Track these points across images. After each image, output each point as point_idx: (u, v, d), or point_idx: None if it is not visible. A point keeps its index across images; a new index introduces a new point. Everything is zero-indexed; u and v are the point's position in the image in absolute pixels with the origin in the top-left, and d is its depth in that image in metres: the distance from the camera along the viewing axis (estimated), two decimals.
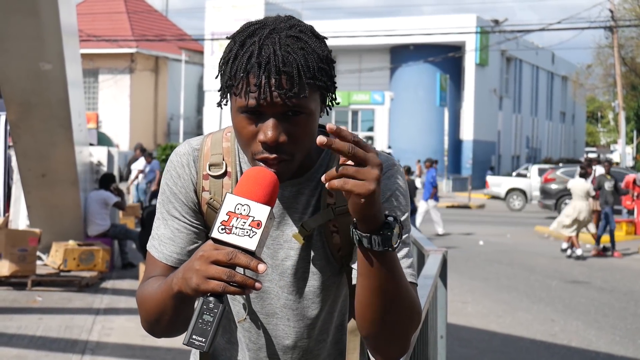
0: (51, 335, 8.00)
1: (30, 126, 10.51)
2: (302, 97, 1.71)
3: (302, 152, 1.79)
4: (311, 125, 1.77)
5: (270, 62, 1.69)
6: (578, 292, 12.03)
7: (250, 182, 1.62)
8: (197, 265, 1.57)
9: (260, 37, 1.72)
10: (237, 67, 1.73)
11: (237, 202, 1.57)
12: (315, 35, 1.78)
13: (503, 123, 48.10)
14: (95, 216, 12.08)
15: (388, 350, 1.83)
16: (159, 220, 1.94)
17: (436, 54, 41.92)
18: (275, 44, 1.71)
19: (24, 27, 9.44)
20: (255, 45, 1.72)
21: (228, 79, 1.76)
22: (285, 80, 1.69)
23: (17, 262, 10.35)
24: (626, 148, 36.90)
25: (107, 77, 46.22)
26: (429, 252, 4.86)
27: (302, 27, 1.78)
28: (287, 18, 1.80)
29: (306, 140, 1.77)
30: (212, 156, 1.92)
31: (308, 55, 1.73)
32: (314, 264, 1.93)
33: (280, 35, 1.73)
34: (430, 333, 3.75)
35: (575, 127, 67.46)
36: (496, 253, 16.57)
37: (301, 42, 1.74)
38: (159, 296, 1.76)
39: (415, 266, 1.94)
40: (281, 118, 1.72)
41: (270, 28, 1.75)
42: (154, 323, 1.84)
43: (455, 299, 10.26)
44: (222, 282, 1.54)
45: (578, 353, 8.40)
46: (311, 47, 1.74)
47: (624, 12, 40.57)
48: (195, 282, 1.57)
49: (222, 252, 1.55)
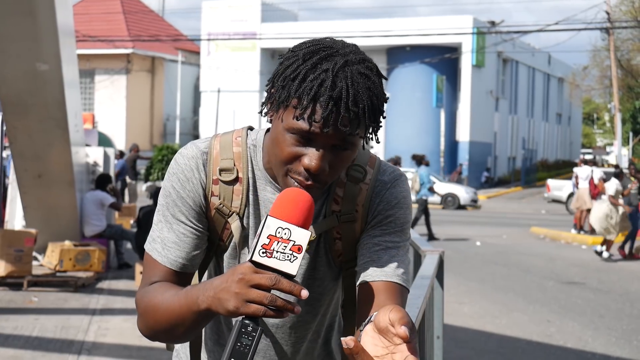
0: (47, 336, 7.99)
1: (26, 127, 10.50)
2: (356, 136, 1.73)
3: (335, 179, 1.81)
4: (351, 158, 1.79)
5: (341, 97, 1.69)
6: (574, 293, 12.04)
7: (290, 205, 1.60)
8: (236, 289, 1.55)
9: (334, 67, 1.71)
10: (304, 89, 1.70)
11: (278, 226, 1.55)
12: (379, 74, 1.79)
13: (499, 124, 48.11)
14: (91, 217, 12.07)
15: None
16: (161, 222, 1.90)
17: (432, 55, 41.92)
18: (347, 78, 1.71)
19: (21, 27, 9.44)
20: (328, 73, 1.70)
21: (289, 96, 1.73)
22: (352, 118, 1.70)
23: (13, 263, 10.35)
24: (622, 150, 36.93)
25: (104, 78, 46.19)
26: (425, 252, 4.87)
27: (369, 64, 1.78)
28: (356, 49, 1.80)
29: (342, 171, 1.80)
30: (223, 161, 1.89)
31: (374, 96, 1.74)
32: (318, 270, 1.95)
33: (352, 70, 1.72)
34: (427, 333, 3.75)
35: (572, 128, 67.50)
36: (492, 254, 16.58)
37: (369, 81, 1.74)
38: (177, 309, 1.73)
39: (410, 272, 1.96)
40: (329, 149, 1.73)
41: (343, 59, 1.73)
42: (163, 332, 1.82)
43: (451, 300, 10.26)
44: (262, 307, 1.53)
45: (574, 354, 8.40)
46: (377, 89, 1.75)
47: (620, 14, 40.62)
48: (234, 305, 1.55)
49: (265, 277, 1.53)
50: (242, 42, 44.92)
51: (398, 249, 1.89)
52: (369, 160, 1.95)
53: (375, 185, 1.92)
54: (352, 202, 1.90)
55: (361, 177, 1.91)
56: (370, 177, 1.92)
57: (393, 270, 1.84)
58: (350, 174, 1.91)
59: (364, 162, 1.94)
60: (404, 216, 1.92)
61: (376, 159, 1.96)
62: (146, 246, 1.92)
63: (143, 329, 1.86)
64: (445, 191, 31.37)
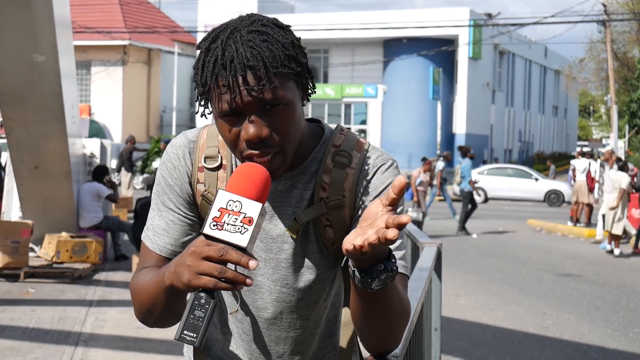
0: (44, 327, 7.99)
1: (23, 118, 10.49)
2: (274, 88, 1.71)
3: (290, 142, 1.78)
4: (292, 114, 1.77)
5: (234, 60, 1.69)
6: (570, 286, 12.06)
7: (242, 178, 1.62)
8: (188, 261, 1.57)
9: (222, 40, 1.72)
10: (205, 73, 1.73)
11: (229, 199, 1.57)
12: (278, 26, 1.78)
13: (496, 117, 48.15)
14: (88, 208, 12.06)
15: (379, 345, 1.87)
16: (153, 211, 1.94)
17: (429, 48, 41.93)
18: (237, 42, 1.71)
19: (17, 18, 9.41)
20: (218, 48, 1.72)
21: (201, 86, 1.76)
22: (252, 75, 1.69)
23: (9, 254, 10.35)
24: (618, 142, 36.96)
25: (100, 69, 46.11)
26: (423, 244, 4.87)
27: (263, 20, 1.77)
28: (249, 16, 1.79)
29: (291, 130, 1.77)
30: (208, 148, 1.92)
31: (272, 45, 1.72)
32: (308, 258, 1.94)
33: (241, 33, 1.73)
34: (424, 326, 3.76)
35: (568, 121, 67.55)
36: (489, 246, 16.60)
37: (263, 35, 1.73)
38: (152, 288, 1.77)
39: (408, 258, 1.95)
40: (260, 113, 1.72)
41: (232, 28, 1.74)
42: (147, 314, 1.85)
43: (448, 292, 10.27)
44: (213, 278, 1.54)
45: (570, 346, 8.43)
46: (274, 38, 1.74)
47: (617, 7, 40.61)
48: (187, 278, 1.57)
49: (213, 248, 1.55)
50: None
51: None
52: (356, 145, 1.93)
53: (361, 170, 1.89)
54: (339, 188, 1.88)
55: (347, 162, 1.89)
56: (356, 162, 1.90)
57: None
58: (336, 159, 1.90)
59: (351, 147, 1.92)
60: None
61: (364, 143, 1.94)
62: (142, 235, 1.96)
63: (135, 314, 1.90)
64: None
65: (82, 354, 7.09)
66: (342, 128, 1.98)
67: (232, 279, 1.54)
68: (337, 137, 1.94)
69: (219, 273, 1.54)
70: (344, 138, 1.93)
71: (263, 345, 2.02)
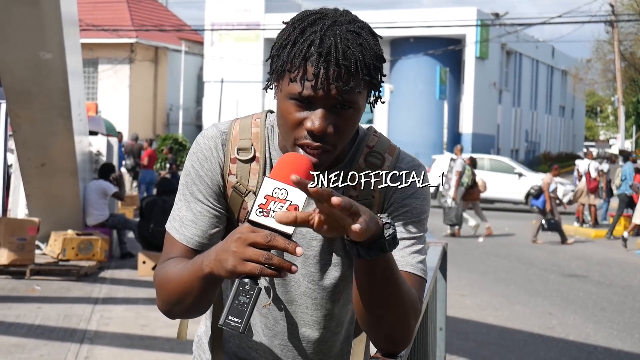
0: (50, 324, 8.01)
1: (30, 115, 10.51)
2: (355, 92, 1.74)
3: (343, 144, 1.82)
4: (356, 120, 1.81)
5: (330, 53, 1.71)
6: (576, 286, 12.04)
7: (287, 167, 1.63)
8: (233, 247, 1.58)
9: (322, 28, 1.75)
10: (295, 53, 1.74)
11: (275, 186, 1.59)
12: (372, 33, 1.81)
13: (502, 116, 48.06)
14: (94, 206, 12.08)
15: (388, 343, 1.86)
16: (180, 201, 1.94)
17: (436, 47, 41.86)
18: (336, 36, 1.73)
19: (25, 16, 9.44)
20: (316, 34, 1.74)
21: (283, 63, 1.76)
22: (344, 73, 1.72)
23: (15, 251, 10.37)
24: (625, 143, 36.91)
25: (107, 67, 46.13)
26: (428, 244, 4.86)
27: (360, 23, 1.81)
28: (347, 12, 1.83)
29: (349, 134, 1.81)
30: (241, 140, 1.93)
31: (366, 51, 1.76)
32: (335, 255, 1.96)
33: (341, 29, 1.75)
34: (429, 325, 3.76)
35: (575, 121, 67.39)
36: (494, 246, 16.58)
37: (360, 38, 1.77)
38: (185, 277, 1.76)
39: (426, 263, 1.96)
40: (330, 109, 1.75)
41: (332, 20, 1.77)
42: (175, 304, 1.84)
43: (453, 292, 10.26)
44: (259, 265, 1.55)
45: (575, 347, 8.41)
46: (369, 44, 1.77)
47: (624, 7, 40.53)
48: (232, 264, 1.58)
49: (260, 235, 1.56)
50: (245, 33, 44.85)
51: (414, 239, 1.90)
52: (388, 148, 1.96)
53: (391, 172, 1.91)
54: (369, 189, 1.89)
55: (379, 163, 1.92)
56: (388, 164, 1.93)
57: (408, 260, 1.86)
58: (368, 160, 1.93)
59: (383, 150, 1.95)
60: (420, 207, 1.92)
61: (396, 147, 1.98)
62: (167, 225, 1.96)
63: (160, 305, 1.90)
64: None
65: (87, 352, 7.10)
66: (374, 130, 2.01)
67: (279, 265, 1.55)
68: (370, 138, 1.97)
69: (266, 259, 1.55)
70: (377, 140, 1.97)
71: (285, 341, 2.02)
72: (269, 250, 1.56)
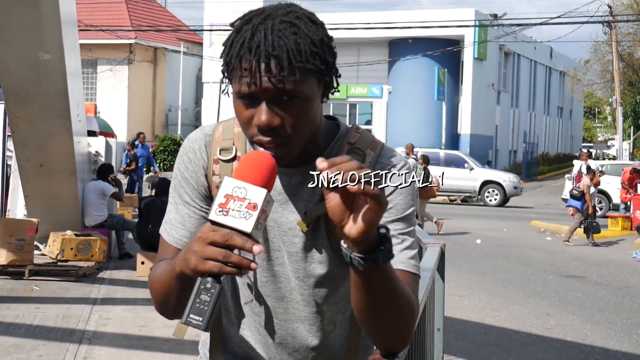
0: (48, 325, 8.01)
1: (28, 116, 10.51)
2: (293, 81, 1.72)
3: (300, 136, 1.79)
4: (307, 109, 1.78)
5: (260, 46, 1.71)
6: (574, 287, 12.06)
7: (248, 165, 1.65)
8: (195, 247, 1.61)
9: (254, 24, 1.75)
10: (232, 52, 1.76)
11: (234, 185, 1.60)
12: (312, 21, 1.79)
13: (501, 117, 48.07)
14: (92, 206, 12.09)
15: (387, 344, 1.86)
16: (171, 204, 1.99)
17: (434, 48, 41.86)
18: (267, 29, 1.73)
19: (24, 17, 9.44)
20: (248, 31, 1.75)
21: (225, 65, 1.79)
22: (275, 64, 1.71)
23: (14, 252, 10.37)
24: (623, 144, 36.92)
25: (106, 68, 46.10)
26: (426, 245, 4.87)
27: (299, 13, 1.79)
28: (287, 5, 1.81)
29: (303, 125, 1.79)
30: (224, 141, 1.96)
31: (300, 39, 1.74)
32: (319, 253, 1.95)
33: (274, 21, 1.75)
34: (427, 326, 3.77)
35: (573, 122, 67.42)
36: (493, 247, 16.59)
37: (294, 27, 1.75)
38: (165, 278, 1.81)
39: (418, 258, 1.96)
40: (275, 102, 1.74)
41: (266, 14, 1.77)
42: (163, 304, 1.89)
43: (451, 293, 10.28)
44: (218, 263, 1.57)
45: (573, 347, 8.43)
46: (304, 32, 1.75)
47: (622, 8, 40.56)
48: (194, 263, 1.61)
49: (218, 234, 1.58)
50: None
51: (403, 236, 1.88)
52: (371, 144, 1.94)
53: (373, 169, 1.88)
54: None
55: (360, 159, 1.89)
56: (369, 160, 1.91)
57: (399, 257, 1.83)
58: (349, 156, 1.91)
59: (365, 146, 1.93)
60: (404, 202, 1.90)
61: (379, 143, 1.95)
62: (160, 228, 2.00)
63: (154, 305, 1.94)
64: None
65: (85, 352, 7.10)
66: (357, 127, 2.00)
67: (237, 263, 1.57)
68: (352, 135, 1.96)
69: (224, 257, 1.57)
70: (360, 137, 1.95)
71: (280, 339, 2.03)
72: (228, 249, 1.58)
